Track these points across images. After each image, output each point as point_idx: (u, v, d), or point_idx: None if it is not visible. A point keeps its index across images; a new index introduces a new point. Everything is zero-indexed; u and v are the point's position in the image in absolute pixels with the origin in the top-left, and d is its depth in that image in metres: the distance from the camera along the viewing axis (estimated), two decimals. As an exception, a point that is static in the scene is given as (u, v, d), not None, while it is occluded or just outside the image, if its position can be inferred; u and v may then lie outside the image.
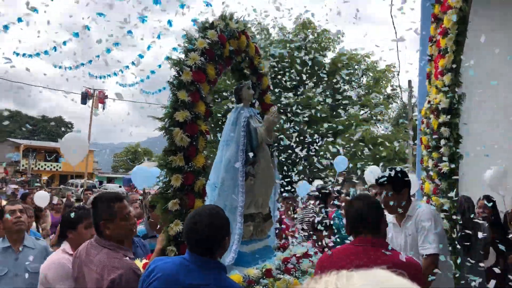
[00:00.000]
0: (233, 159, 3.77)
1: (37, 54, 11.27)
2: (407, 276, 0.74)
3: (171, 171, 3.09)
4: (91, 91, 33.47)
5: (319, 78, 23.33)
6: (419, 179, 4.80)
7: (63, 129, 65.79)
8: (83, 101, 33.71)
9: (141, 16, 9.99)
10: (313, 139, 6.07)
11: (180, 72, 3.16)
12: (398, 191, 3.44)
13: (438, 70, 4.06)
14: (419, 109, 5.49)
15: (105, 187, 34.78)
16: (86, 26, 10.06)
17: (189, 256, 2.32)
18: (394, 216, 3.60)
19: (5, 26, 9.00)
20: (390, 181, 3.41)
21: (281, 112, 3.99)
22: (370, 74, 30.01)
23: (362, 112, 26.86)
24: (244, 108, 4.05)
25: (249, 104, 4.20)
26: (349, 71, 28.21)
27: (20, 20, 8.69)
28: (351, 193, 9.04)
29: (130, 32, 10.63)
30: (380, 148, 20.27)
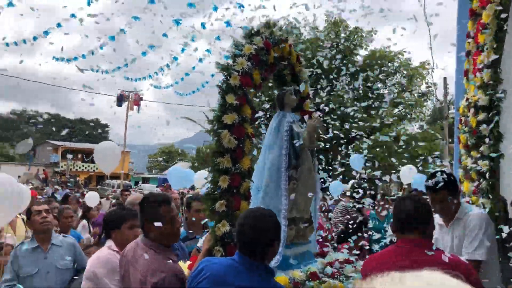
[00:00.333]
0: (277, 163, 3.84)
1: (75, 58, 11.67)
2: (463, 278, 0.75)
3: (219, 173, 3.19)
4: (127, 94, 34.26)
5: (352, 77, 23.13)
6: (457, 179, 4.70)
7: (100, 131, 67.60)
8: (119, 104, 34.56)
9: (176, 19, 10.22)
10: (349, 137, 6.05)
11: (228, 77, 3.28)
12: (454, 195, 3.34)
13: (477, 67, 4.00)
14: (456, 107, 5.40)
15: (141, 187, 35.53)
16: (122, 30, 10.36)
17: (238, 258, 2.37)
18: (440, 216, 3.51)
19: (45, 32, 9.38)
20: (446, 186, 3.27)
21: (320, 116, 4.03)
22: (404, 72, 29.45)
23: (396, 110, 26.46)
24: (287, 114, 4.12)
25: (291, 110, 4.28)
26: (382, 70, 27.79)
27: (59, 26, 9.05)
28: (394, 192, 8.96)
29: (165, 35, 10.88)
30: (416, 144, 19.90)
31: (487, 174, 3.70)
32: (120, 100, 33.99)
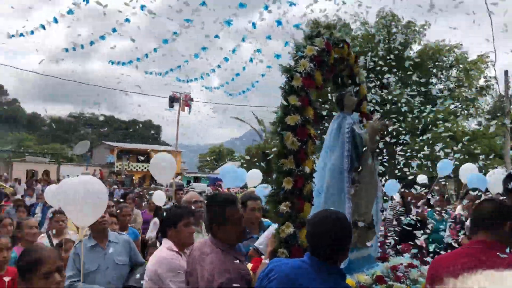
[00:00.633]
0: (338, 165, 3.80)
1: (130, 62, 12.01)
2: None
3: (282, 174, 3.20)
4: (178, 95, 34.99)
5: (405, 73, 22.43)
6: None
7: (152, 132, 69.66)
8: (171, 105, 35.37)
9: (227, 20, 10.27)
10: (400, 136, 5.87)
11: (291, 78, 3.29)
12: None
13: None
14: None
15: (193, 187, 36.25)
16: (175, 33, 10.54)
17: (309, 260, 2.36)
18: None
19: (102, 37, 9.72)
20: None
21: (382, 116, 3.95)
22: (460, 66, 28.18)
23: (453, 106, 25.40)
24: (347, 115, 4.08)
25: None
26: (437, 64, 26.81)
27: (115, 30, 9.35)
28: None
29: (217, 36, 10.96)
30: (474, 141, 19.06)
31: None
32: (172, 102, 34.75)
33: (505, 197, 3.33)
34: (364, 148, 3.83)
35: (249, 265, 3.29)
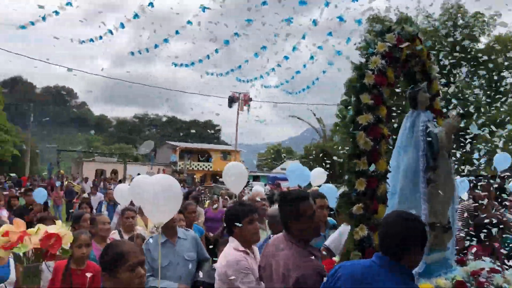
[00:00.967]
0: (413, 165, 3.67)
1: (192, 64, 12.28)
2: None
3: (355, 175, 3.13)
4: (237, 95, 35.43)
5: (473, 66, 21.30)
6: None
7: (212, 132, 71.12)
8: (230, 105, 35.91)
9: (287, 18, 10.16)
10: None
11: (362, 76, 3.22)
12: None
13: None
14: None
15: (251, 185, 36.57)
16: (236, 33, 10.60)
17: (379, 259, 2.32)
18: None
19: (165, 40, 9.97)
20: None
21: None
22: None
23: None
24: (421, 113, 3.92)
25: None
26: (508, 56, 25.14)
27: (177, 33, 9.55)
28: None
29: (276, 36, 10.86)
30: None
31: None
32: (231, 102, 35.26)
33: None
34: (440, 147, 3.65)
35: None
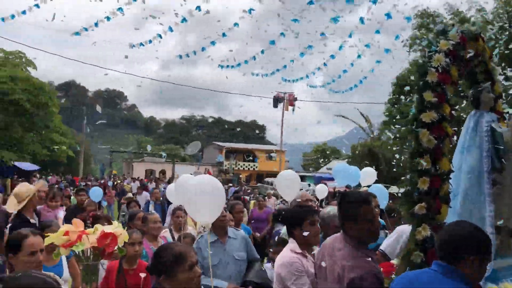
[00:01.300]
0: (477, 167, 3.55)
1: (238, 65, 12.34)
2: None
3: (418, 174, 3.05)
4: (282, 95, 35.38)
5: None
6: None
7: (257, 132, 71.50)
8: (275, 105, 35.92)
9: (334, 17, 10.02)
10: None
11: (424, 74, 3.15)
12: None
13: None
14: None
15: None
16: (282, 33, 10.58)
17: (438, 266, 2.30)
18: None
19: (212, 42, 10.05)
20: None
21: None
22: None
23: None
24: (484, 113, 3.80)
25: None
26: None
27: (224, 35, 9.62)
28: None
29: (323, 34, 10.75)
30: None
31: None
32: (276, 101, 35.26)
33: None
34: (506, 148, 3.46)
35: None
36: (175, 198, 6.54)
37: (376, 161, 27.57)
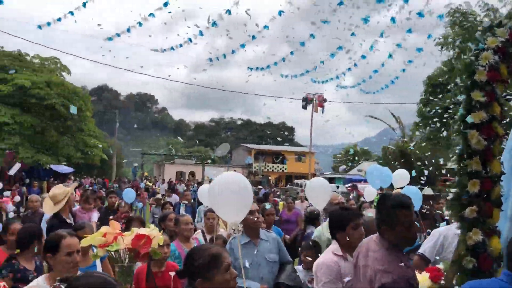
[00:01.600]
0: None
1: (268, 67, 12.26)
2: None
3: (467, 176, 2.93)
4: (311, 96, 35.16)
5: None
6: None
7: (286, 133, 71.34)
8: (304, 106, 35.70)
9: (364, 17, 9.84)
10: None
11: (472, 73, 3.03)
12: None
13: None
14: None
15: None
16: (311, 35, 10.47)
17: (506, 276, 2.27)
18: None
19: (242, 45, 10.03)
20: None
21: None
22: None
23: None
24: None
25: None
26: None
27: (254, 38, 9.58)
28: None
29: (354, 34, 10.55)
30: None
31: None
32: (305, 103, 35.05)
33: None
34: None
35: (424, 274, 3.06)
36: (205, 199, 6.56)
37: (408, 163, 27.05)
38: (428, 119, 33.36)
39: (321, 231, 4.93)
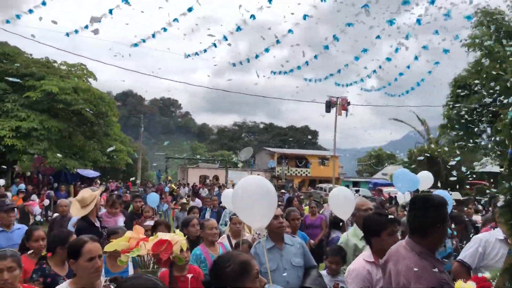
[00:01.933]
0: None
1: (291, 71, 12.18)
2: None
3: None
4: (334, 99, 34.87)
5: None
6: None
7: (310, 137, 70.92)
8: (327, 109, 35.41)
9: (390, 19, 9.66)
10: None
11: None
12: None
13: None
14: None
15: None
16: (335, 37, 10.36)
17: None
18: None
19: (266, 49, 9.97)
20: None
21: None
22: None
23: None
24: None
25: None
26: None
27: (279, 42, 9.51)
28: None
29: (379, 37, 10.41)
30: None
31: None
32: (329, 106, 34.77)
33: None
34: None
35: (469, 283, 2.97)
36: (229, 204, 6.54)
37: (435, 166, 26.49)
38: (455, 122, 32.65)
39: (347, 238, 4.84)
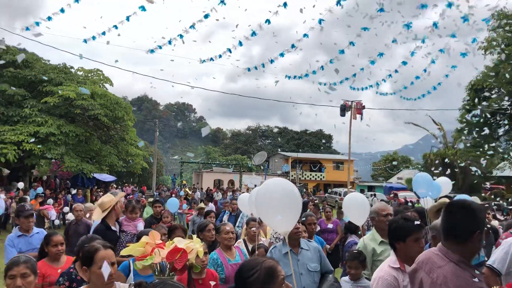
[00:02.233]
0: None
1: (306, 75, 12.17)
2: None
3: None
4: (349, 103, 34.70)
5: None
6: None
7: (324, 141, 70.56)
8: (342, 113, 35.24)
9: (406, 23, 9.60)
10: None
11: None
12: None
13: None
14: None
15: (366, 195, 35.37)
16: (351, 42, 10.34)
17: None
18: None
19: (281, 54, 9.98)
20: None
21: None
22: None
23: None
24: None
25: None
26: None
27: (293, 46, 9.52)
28: None
29: (395, 41, 10.35)
30: None
31: None
32: (343, 110, 34.61)
33: None
34: None
35: None
36: (249, 208, 6.53)
37: (451, 170, 26.16)
38: (472, 126, 32.24)
39: (363, 243, 4.80)
